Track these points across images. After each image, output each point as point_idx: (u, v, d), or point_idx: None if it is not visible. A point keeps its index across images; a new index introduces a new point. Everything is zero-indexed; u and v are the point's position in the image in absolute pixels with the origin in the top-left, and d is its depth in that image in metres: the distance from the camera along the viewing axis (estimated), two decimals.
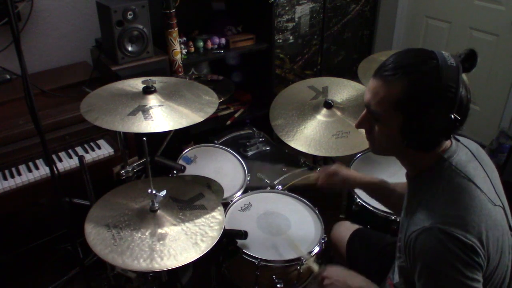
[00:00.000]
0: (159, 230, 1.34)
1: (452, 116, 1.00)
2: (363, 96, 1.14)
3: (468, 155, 1.14)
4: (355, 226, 1.71)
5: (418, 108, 1.02)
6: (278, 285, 1.56)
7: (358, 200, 1.84)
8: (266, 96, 2.76)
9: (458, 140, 1.17)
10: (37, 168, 1.86)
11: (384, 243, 1.59)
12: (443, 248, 0.99)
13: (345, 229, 1.72)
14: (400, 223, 1.23)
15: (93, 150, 1.99)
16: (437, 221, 1.02)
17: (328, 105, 1.91)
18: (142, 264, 1.24)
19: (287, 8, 3.15)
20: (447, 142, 1.13)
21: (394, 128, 1.07)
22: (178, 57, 2.31)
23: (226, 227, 1.60)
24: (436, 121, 1.01)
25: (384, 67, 1.07)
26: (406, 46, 3.46)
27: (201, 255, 1.28)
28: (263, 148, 2.29)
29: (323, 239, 1.66)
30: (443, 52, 1.04)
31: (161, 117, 1.48)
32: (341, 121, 1.89)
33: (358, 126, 1.18)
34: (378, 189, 1.54)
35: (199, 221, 1.40)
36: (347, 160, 2.08)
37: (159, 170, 1.78)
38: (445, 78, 0.99)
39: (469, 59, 1.04)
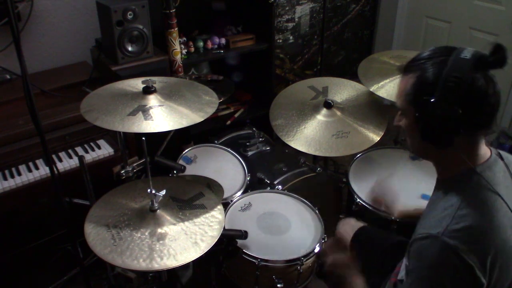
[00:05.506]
0: (159, 230, 1.34)
1: (457, 109, 0.97)
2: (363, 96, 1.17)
3: (506, 175, 1.10)
4: (360, 224, 1.71)
5: (423, 99, 1.02)
6: (278, 285, 1.57)
7: (358, 200, 1.83)
8: (266, 96, 2.76)
9: (501, 157, 1.12)
10: (37, 168, 1.86)
11: (389, 242, 1.58)
12: (440, 259, 0.99)
13: (351, 226, 1.71)
14: None
15: (93, 150, 1.99)
16: (444, 233, 0.99)
17: (328, 105, 1.91)
18: (142, 264, 1.24)
19: (287, 8, 3.15)
20: (483, 155, 1.09)
21: (411, 121, 1.08)
22: (178, 57, 2.31)
23: (226, 227, 1.60)
24: (440, 112, 0.99)
25: (406, 63, 1.11)
26: (406, 46, 3.50)
27: (201, 254, 1.28)
28: (263, 148, 2.28)
29: (323, 239, 1.67)
30: (468, 48, 1.01)
31: (161, 117, 1.48)
32: (341, 121, 1.89)
33: (394, 123, 1.19)
34: None
35: (199, 220, 1.40)
36: (347, 160, 2.08)
37: (159, 170, 1.78)
38: (450, 69, 0.98)
39: (495, 53, 1.00)
